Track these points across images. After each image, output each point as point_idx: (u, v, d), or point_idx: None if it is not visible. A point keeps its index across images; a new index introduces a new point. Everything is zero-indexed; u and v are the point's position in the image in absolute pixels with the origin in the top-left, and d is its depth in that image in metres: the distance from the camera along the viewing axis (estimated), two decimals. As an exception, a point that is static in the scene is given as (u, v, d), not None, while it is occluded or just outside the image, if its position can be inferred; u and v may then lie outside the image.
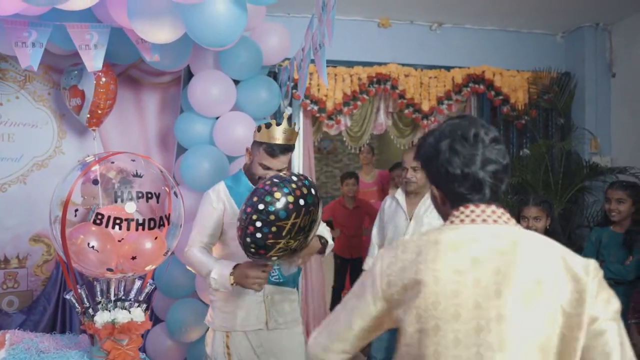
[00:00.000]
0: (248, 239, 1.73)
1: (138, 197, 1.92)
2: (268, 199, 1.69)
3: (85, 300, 1.95)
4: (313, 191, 1.77)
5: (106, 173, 2.03)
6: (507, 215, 1.07)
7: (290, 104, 3.80)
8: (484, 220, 1.04)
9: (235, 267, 1.91)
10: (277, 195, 1.69)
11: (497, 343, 0.94)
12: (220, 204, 2.11)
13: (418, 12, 4.00)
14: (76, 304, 1.93)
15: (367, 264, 3.04)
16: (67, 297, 1.93)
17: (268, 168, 2.02)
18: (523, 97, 4.19)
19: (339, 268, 4.87)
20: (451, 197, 1.09)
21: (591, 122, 4.18)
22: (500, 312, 0.95)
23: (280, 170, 2.01)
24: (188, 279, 2.95)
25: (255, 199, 1.72)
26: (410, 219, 2.82)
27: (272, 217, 1.68)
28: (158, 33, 2.17)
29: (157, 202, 1.96)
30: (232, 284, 1.90)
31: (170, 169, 3.23)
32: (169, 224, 2.02)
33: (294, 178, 1.76)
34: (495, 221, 1.04)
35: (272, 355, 2.12)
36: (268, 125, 2.00)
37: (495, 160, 1.05)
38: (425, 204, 2.81)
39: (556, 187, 3.88)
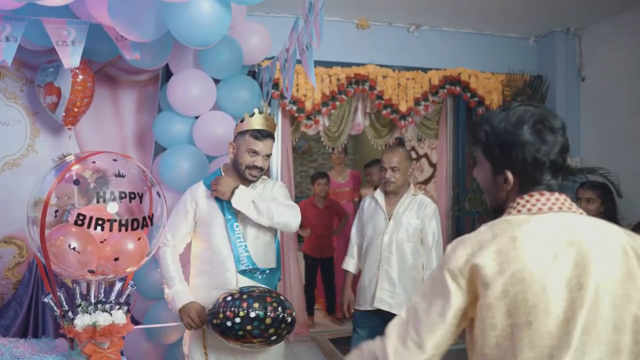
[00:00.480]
0: (229, 312, 1.90)
1: (121, 198, 1.88)
2: (267, 294, 1.95)
3: (64, 303, 1.90)
4: (284, 333, 1.98)
5: (82, 173, 1.98)
6: (569, 201, 1.09)
7: (269, 104, 3.78)
8: (550, 209, 1.06)
9: (189, 302, 2.12)
10: (275, 304, 1.93)
11: (582, 330, 0.96)
12: (193, 203, 2.23)
13: (396, 14, 4.04)
14: (55, 308, 1.88)
15: (347, 263, 3.05)
16: (46, 300, 1.88)
17: (256, 153, 2.16)
18: (497, 99, 4.29)
19: (309, 268, 4.87)
20: (525, 184, 1.10)
21: (562, 123, 4.30)
22: (584, 302, 0.96)
23: (268, 157, 2.20)
24: (166, 280, 2.90)
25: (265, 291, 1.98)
26: (390, 219, 2.85)
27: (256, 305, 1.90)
28: (140, 31, 2.13)
29: (140, 202, 1.93)
30: (179, 309, 2.13)
31: (148, 168, 3.17)
32: (151, 224, 1.99)
33: (293, 317, 1.98)
34: (560, 208, 1.06)
35: (249, 353, 2.14)
36: (252, 114, 2.18)
37: (568, 147, 1.10)
38: (404, 203, 2.84)
39: (529, 187, 3.98)
